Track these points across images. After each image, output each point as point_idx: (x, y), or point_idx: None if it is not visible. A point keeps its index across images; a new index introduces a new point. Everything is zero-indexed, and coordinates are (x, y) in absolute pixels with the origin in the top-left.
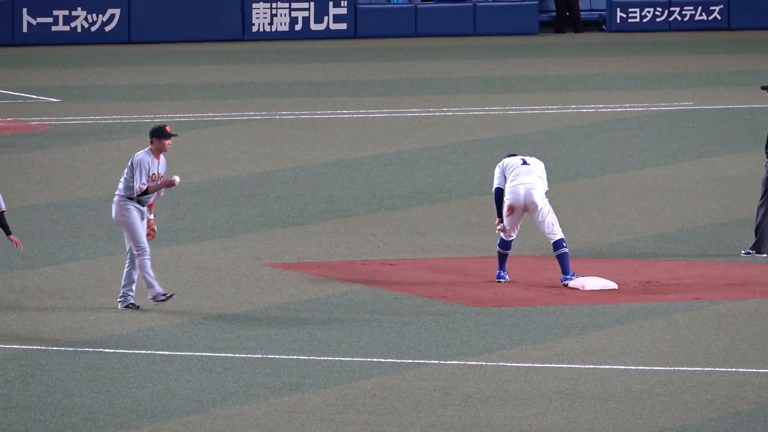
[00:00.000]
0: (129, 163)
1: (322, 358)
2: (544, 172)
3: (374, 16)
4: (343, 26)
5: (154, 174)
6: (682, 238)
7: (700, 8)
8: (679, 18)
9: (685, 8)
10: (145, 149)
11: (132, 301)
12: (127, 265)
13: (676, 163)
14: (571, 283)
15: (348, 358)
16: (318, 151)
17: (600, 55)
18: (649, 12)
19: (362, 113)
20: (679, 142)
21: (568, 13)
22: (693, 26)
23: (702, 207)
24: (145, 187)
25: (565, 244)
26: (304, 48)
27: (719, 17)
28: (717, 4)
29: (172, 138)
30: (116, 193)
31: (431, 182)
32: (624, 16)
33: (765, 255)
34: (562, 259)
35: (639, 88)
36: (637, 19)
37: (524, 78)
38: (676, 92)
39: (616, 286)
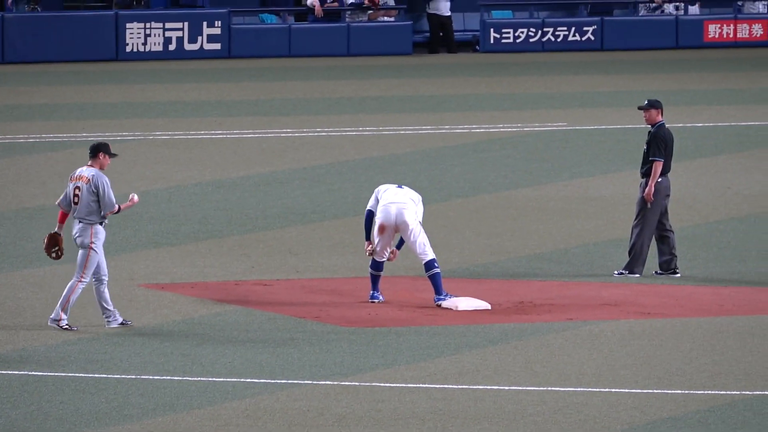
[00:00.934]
0: (90, 186)
1: (195, 378)
2: (421, 203)
3: (248, 36)
4: (217, 46)
5: None
6: (555, 259)
7: (573, 29)
8: (553, 38)
9: (559, 29)
10: (92, 168)
11: (121, 319)
12: (94, 285)
13: (550, 184)
14: (444, 304)
15: (221, 379)
16: (192, 171)
17: (473, 76)
18: (522, 32)
19: (236, 133)
20: (553, 162)
21: (441, 34)
22: (566, 47)
23: (575, 227)
24: (117, 208)
25: (436, 265)
26: (178, 68)
27: (593, 38)
28: (590, 25)
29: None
30: (81, 217)
31: (305, 202)
32: (497, 36)
33: (637, 276)
34: (435, 280)
35: (512, 108)
36: (511, 40)
37: (398, 98)
38: (550, 113)
39: (489, 307)
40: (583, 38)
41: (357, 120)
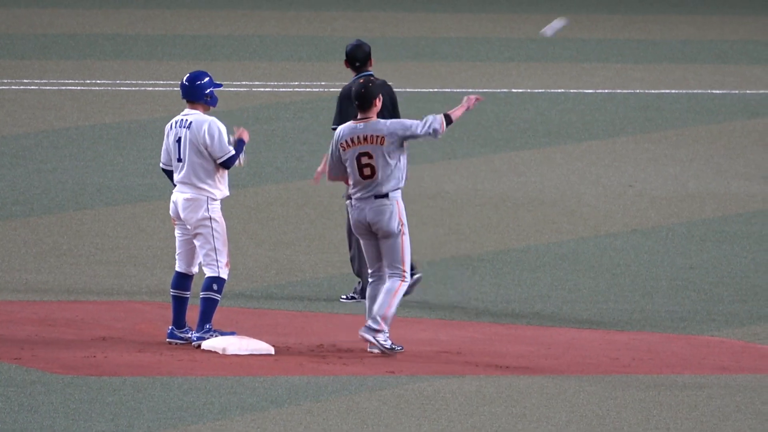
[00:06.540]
0: (393, 129)
1: None
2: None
3: None
4: None
5: None
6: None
7: None
8: None
9: None
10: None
11: (390, 342)
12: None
13: None
14: (206, 344)
15: None
16: None
17: None
18: None
19: None
20: None
21: None
22: None
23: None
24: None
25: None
26: None
27: None
28: None
29: None
30: (384, 190)
31: (2, 189)
32: None
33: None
34: (204, 306)
35: (315, 57)
36: None
37: (153, 38)
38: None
39: (272, 351)
40: None
41: (84, 68)
